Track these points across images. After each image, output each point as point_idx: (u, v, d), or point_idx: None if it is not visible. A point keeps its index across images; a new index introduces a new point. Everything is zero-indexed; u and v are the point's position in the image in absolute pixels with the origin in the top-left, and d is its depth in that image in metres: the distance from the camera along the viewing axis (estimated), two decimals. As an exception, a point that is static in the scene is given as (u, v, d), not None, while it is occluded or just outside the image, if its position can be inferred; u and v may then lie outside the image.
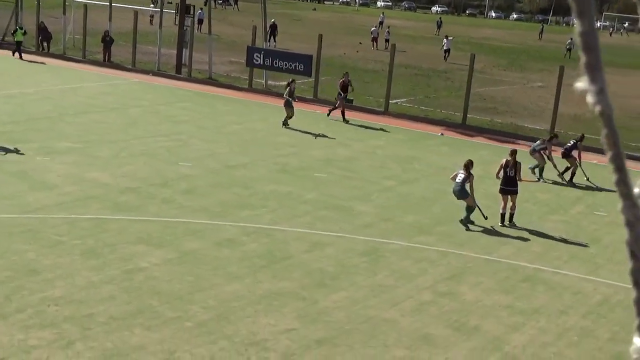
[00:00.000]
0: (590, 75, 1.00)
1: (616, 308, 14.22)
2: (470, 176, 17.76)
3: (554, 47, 71.99)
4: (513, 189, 18.31)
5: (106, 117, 27.15)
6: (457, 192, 17.88)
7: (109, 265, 14.03)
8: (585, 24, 0.98)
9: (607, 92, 1.00)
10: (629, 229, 1.08)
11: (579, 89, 1.01)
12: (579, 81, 1.01)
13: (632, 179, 1.12)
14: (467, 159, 18.24)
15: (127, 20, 45.00)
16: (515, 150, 18.74)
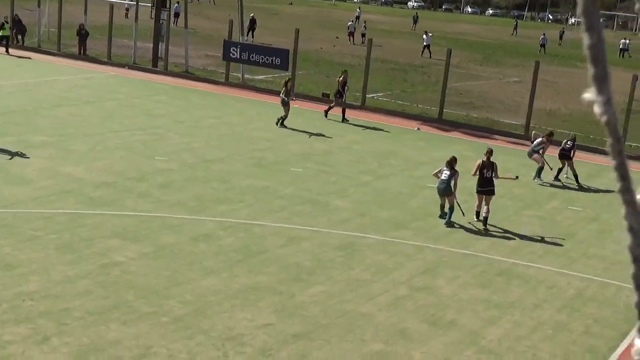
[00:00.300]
0: (598, 86, 1.03)
1: (590, 302, 14.37)
2: (455, 173, 17.76)
3: (529, 42, 72.40)
4: (489, 189, 18.15)
5: (82, 110, 26.98)
6: (442, 189, 17.80)
7: (84, 260, 13.97)
8: (594, 37, 1.01)
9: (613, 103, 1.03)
10: (631, 235, 1.11)
11: (586, 100, 1.04)
12: (587, 92, 1.05)
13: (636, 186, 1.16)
14: (451, 156, 18.20)
15: (103, 14, 44.71)
16: (491, 150, 18.51)
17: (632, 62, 65.15)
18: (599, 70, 1.03)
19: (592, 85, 1.05)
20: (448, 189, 17.71)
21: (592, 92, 1.04)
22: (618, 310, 14.09)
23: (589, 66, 1.03)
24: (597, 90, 1.03)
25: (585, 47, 1.04)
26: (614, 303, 14.41)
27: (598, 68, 1.03)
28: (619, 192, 1.08)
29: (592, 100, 1.04)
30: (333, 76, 39.59)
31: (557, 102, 37.95)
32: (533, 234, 18.04)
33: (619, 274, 15.86)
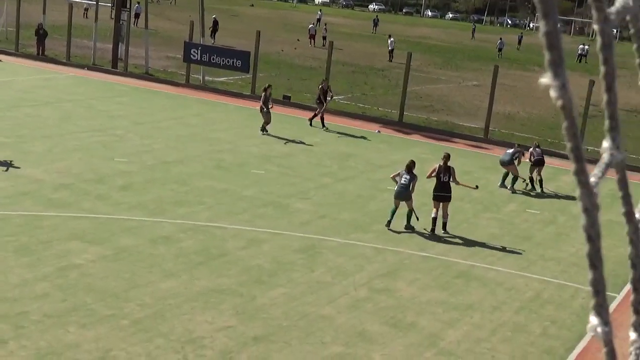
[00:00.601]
0: (554, 71, 1.08)
1: (547, 304, 14.55)
2: (414, 178, 17.63)
3: (487, 46, 73.06)
4: (446, 195, 17.86)
5: (40, 111, 26.68)
6: (401, 193, 17.60)
7: (42, 262, 13.82)
8: (549, 24, 1.05)
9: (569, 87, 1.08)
10: (585, 215, 1.17)
11: (542, 84, 1.09)
12: (543, 77, 1.10)
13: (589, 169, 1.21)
14: (410, 160, 18.09)
15: (62, 13, 44.27)
16: (448, 155, 18.30)
17: (589, 67, 66.09)
18: (554, 56, 1.08)
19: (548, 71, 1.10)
20: (407, 194, 17.59)
21: (548, 77, 1.09)
22: (575, 312, 14.29)
23: (545, 52, 1.08)
24: (552, 75, 1.08)
25: (541, 34, 1.09)
26: (571, 305, 14.61)
27: (554, 54, 1.07)
28: (574, 174, 1.13)
29: (548, 84, 1.08)
30: (294, 78, 39.67)
31: (515, 105, 38.37)
32: (491, 236, 18.22)
33: (576, 276, 16.08)
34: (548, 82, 1.12)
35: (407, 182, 17.55)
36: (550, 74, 1.12)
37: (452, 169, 18.04)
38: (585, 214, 1.18)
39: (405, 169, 17.76)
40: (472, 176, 23.83)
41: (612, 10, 1.19)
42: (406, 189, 17.55)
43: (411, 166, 17.79)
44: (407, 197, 17.64)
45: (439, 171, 17.92)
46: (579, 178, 1.16)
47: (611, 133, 1.29)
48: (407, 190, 17.56)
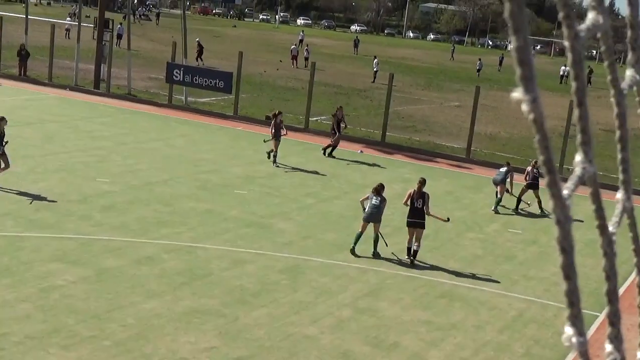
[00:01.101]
0: (525, 86, 1.11)
1: (530, 323, 14.59)
2: (384, 201, 17.31)
3: (467, 67, 73.56)
4: (420, 222, 17.21)
5: (21, 131, 26.52)
6: (372, 215, 17.18)
7: (24, 284, 13.71)
8: (520, 40, 1.09)
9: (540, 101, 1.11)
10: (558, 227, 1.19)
11: (514, 99, 1.12)
12: (515, 92, 1.13)
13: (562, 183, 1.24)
14: (378, 183, 17.76)
15: (44, 34, 44.21)
16: (424, 180, 17.59)
17: (570, 88, 66.51)
18: (525, 71, 1.11)
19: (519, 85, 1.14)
20: (378, 216, 17.19)
21: (520, 92, 1.13)
22: (558, 332, 14.33)
23: (516, 67, 1.11)
24: (524, 89, 1.12)
25: (512, 50, 1.13)
26: (554, 324, 14.65)
27: (524, 69, 1.11)
28: (546, 186, 1.16)
29: (519, 99, 1.12)
30: (276, 99, 39.75)
31: (497, 126, 38.60)
32: (474, 256, 18.27)
33: (558, 296, 16.13)
34: (519, 96, 1.15)
35: (378, 204, 17.15)
36: (521, 88, 1.15)
37: (427, 196, 17.38)
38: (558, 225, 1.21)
39: (373, 191, 17.36)
40: (454, 196, 23.95)
41: (582, 28, 1.22)
42: (377, 210, 17.15)
43: (379, 189, 17.37)
44: (378, 219, 17.21)
45: (412, 197, 17.34)
46: (551, 190, 1.19)
47: (583, 147, 1.32)
48: (379, 212, 17.17)
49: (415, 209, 17.25)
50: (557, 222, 1.19)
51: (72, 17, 76.50)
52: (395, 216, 21.04)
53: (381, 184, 17.64)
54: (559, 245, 1.21)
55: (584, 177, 1.28)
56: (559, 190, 1.21)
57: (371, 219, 17.22)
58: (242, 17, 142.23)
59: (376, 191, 17.33)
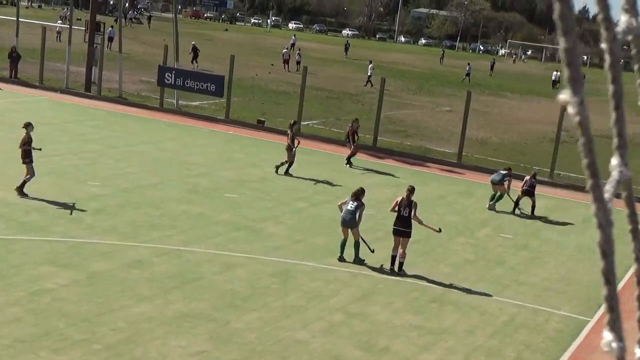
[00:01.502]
0: (573, 88, 1.09)
1: (521, 328, 14.59)
2: (362, 206, 16.94)
3: (457, 72, 73.67)
4: (406, 231, 16.75)
5: (12, 134, 26.43)
6: (347, 221, 16.78)
7: (14, 287, 13.65)
8: (569, 41, 1.07)
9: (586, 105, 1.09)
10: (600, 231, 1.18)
11: (561, 101, 1.10)
12: (562, 93, 1.11)
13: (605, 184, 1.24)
14: (358, 187, 17.42)
15: (35, 36, 44.08)
16: (413, 188, 17.17)
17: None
18: (573, 73, 1.09)
19: (567, 87, 1.12)
20: (353, 221, 16.75)
21: (567, 94, 1.11)
22: (549, 336, 14.35)
23: (564, 69, 1.09)
24: (572, 91, 1.10)
25: (561, 51, 1.10)
26: (545, 329, 14.67)
27: (573, 70, 1.09)
28: (590, 189, 1.15)
29: (566, 101, 1.10)
30: (268, 103, 39.75)
31: (488, 131, 38.67)
32: (465, 261, 18.28)
33: (549, 301, 16.16)
34: (566, 98, 1.13)
35: (353, 209, 16.75)
36: (569, 90, 1.13)
37: (415, 204, 16.85)
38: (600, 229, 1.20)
39: (352, 196, 17.07)
40: (445, 200, 23.97)
41: (619, 30, 1.20)
42: (352, 215, 16.73)
43: (359, 194, 16.99)
44: (353, 224, 16.76)
45: (400, 204, 16.87)
46: (594, 194, 1.17)
47: (620, 150, 1.30)
48: (354, 217, 16.72)
49: (401, 217, 16.77)
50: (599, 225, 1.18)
51: (63, 19, 76.38)
52: (387, 221, 21.03)
53: (361, 189, 17.29)
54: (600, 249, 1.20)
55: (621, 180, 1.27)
56: (602, 194, 1.20)
57: (346, 224, 16.85)
58: (234, 21, 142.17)
59: (355, 195, 16.99)
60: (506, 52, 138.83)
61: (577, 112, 1.15)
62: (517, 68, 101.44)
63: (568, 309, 15.86)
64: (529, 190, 23.03)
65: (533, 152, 33.74)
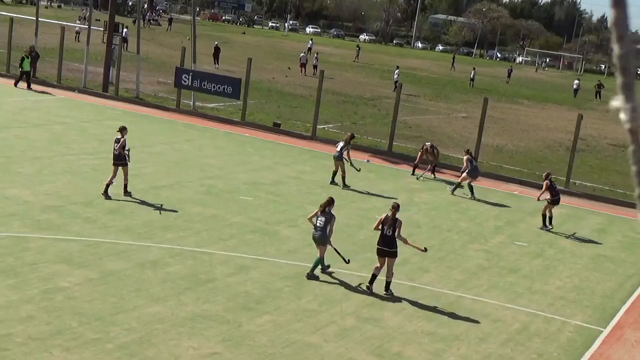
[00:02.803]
0: (626, 94, 1.09)
1: (534, 337, 14.54)
2: (332, 218, 15.93)
3: (465, 77, 73.53)
4: (391, 251, 15.52)
5: (29, 133, 26.64)
6: (318, 238, 15.89)
7: (28, 285, 13.73)
8: (623, 48, 1.06)
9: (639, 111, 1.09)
10: None
11: (613, 107, 1.10)
12: (614, 100, 1.10)
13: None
14: (328, 197, 16.43)
15: (54, 36, 44.33)
16: (397, 205, 15.98)
17: (578, 101, 66.61)
18: (627, 79, 1.09)
19: (620, 94, 1.11)
20: (324, 238, 15.79)
21: (620, 100, 1.10)
22: (561, 346, 14.29)
23: (618, 75, 1.08)
24: (625, 98, 1.09)
25: (615, 57, 1.10)
26: (558, 338, 14.61)
27: (627, 77, 1.09)
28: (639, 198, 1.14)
29: (619, 107, 1.09)
30: (284, 106, 39.81)
31: (504, 138, 38.57)
32: (479, 267, 18.23)
33: (562, 310, 16.10)
34: (619, 105, 1.12)
35: (322, 224, 15.78)
36: (622, 97, 1.12)
37: (399, 223, 15.60)
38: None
39: (319, 208, 16.06)
40: (459, 207, 23.91)
41: None
42: (322, 232, 15.75)
43: (329, 205, 15.99)
44: (324, 241, 15.84)
45: (383, 223, 15.61)
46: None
47: None
48: (324, 233, 15.75)
49: (384, 236, 15.53)
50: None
51: (82, 20, 76.77)
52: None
53: (330, 199, 16.20)
54: None
55: None
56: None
57: (316, 241, 16.01)
58: (252, 24, 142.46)
59: (322, 207, 16.02)
60: (523, 59, 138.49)
61: (629, 118, 1.14)
62: (535, 76, 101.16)
63: (581, 318, 15.79)
64: (558, 199, 22.49)
65: (549, 160, 33.60)
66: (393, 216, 15.58)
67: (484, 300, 16.10)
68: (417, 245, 16.56)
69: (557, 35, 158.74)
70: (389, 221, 15.51)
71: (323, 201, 16.31)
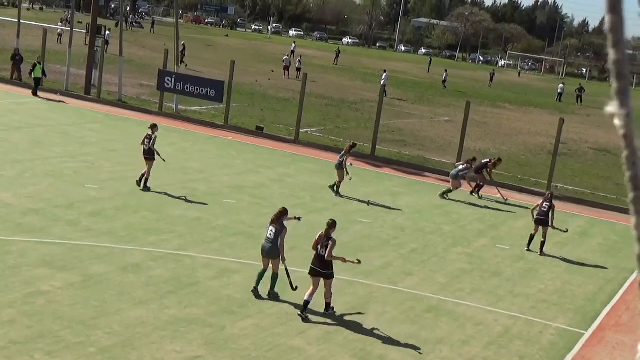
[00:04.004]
0: (620, 100, 1.09)
1: (516, 339, 14.60)
2: (283, 230, 14.72)
3: (448, 81, 73.76)
4: (326, 273, 14.21)
5: (10, 135, 26.48)
6: (267, 250, 14.71)
7: (9, 288, 13.64)
8: (619, 53, 1.07)
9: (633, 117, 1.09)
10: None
11: (607, 113, 1.10)
12: (609, 105, 1.11)
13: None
14: (280, 208, 15.24)
15: (36, 38, 44.12)
16: (333, 222, 14.61)
17: (561, 106, 66.97)
18: (622, 85, 1.09)
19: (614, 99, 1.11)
20: (274, 250, 14.62)
21: (614, 106, 1.11)
22: (543, 348, 14.36)
23: (613, 81, 1.09)
24: (619, 104, 1.10)
25: (611, 63, 1.10)
26: (540, 341, 14.67)
27: (621, 83, 1.09)
28: (631, 202, 1.15)
29: (613, 113, 1.10)
30: (267, 109, 39.78)
31: (486, 142, 38.72)
32: (461, 271, 18.28)
33: (544, 313, 16.17)
34: (614, 110, 1.13)
35: (273, 236, 14.57)
36: (616, 102, 1.13)
37: (332, 241, 14.21)
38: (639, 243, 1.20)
39: (271, 220, 14.92)
40: (442, 210, 23.97)
41: None
42: (272, 244, 14.56)
43: (281, 215, 14.81)
44: (274, 254, 14.63)
45: (317, 241, 14.34)
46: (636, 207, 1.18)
47: None
48: (274, 245, 14.54)
49: (319, 256, 14.22)
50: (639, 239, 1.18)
51: (65, 22, 76.43)
52: (384, 229, 21.15)
53: (283, 209, 15.02)
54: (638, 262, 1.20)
55: None
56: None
57: (265, 253, 14.81)
58: (235, 27, 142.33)
59: (274, 217, 14.90)
60: (506, 63, 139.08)
61: (623, 124, 1.15)
62: (517, 80, 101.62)
63: (563, 321, 15.87)
64: (540, 219, 20.29)
65: (531, 164, 33.76)
66: (327, 234, 14.29)
67: (466, 303, 16.14)
68: (349, 258, 14.83)
69: (539, 39, 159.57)
70: (323, 239, 14.24)
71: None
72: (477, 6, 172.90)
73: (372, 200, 23.41)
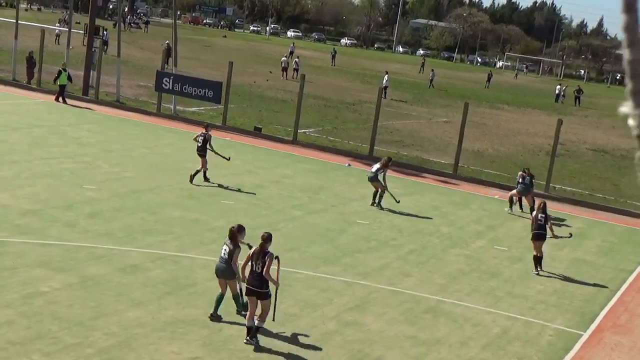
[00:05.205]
0: (635, 100, 1.08)
1: (514, 340, 14.59)
2: (236, 249, 13.56)
3: (441, 81, 73.78)
4: (261, 292, 12.80)
5: (8, 136, 26.45)
6: (221, 271, 13.56)
7: (7, 289, 13.62)
8: (635, 53, 1.05)
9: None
10: None
11: (622, 113, 1.09)
12: (624, 105, 1.09)
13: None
14: (236, 226, 13.93)
15: (34, 39, 44.09)
16: (268, 236, 13.22)
17: (559, 107, 67.01)
18: (636, 85, 1.08)
19: (629, 99, 1.10)
20: (228, 271, 13.49)
21: (629, 106, 1.09)
22: (541, 349, 14.35)
23: (628, 81, 1.07)
24: (634, 104, 1.08)
25: (626, 63, 1.09)
26: (538, 342, 14.67)
27: (636, 83, 1.08)
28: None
29: (628, 113, 1.08)
30: (265, 110, 39.78)
31: (484, 142, 38.74)
32: (460, 272, 18.28)
33: (542, 314, 16.17)
34: (628, 110, 1.12)
35: (226, 256, 13.47)
36: (631, 102, 1.11)
37: (269, 257, 12.87)
38: None
39: (229, 237, 13.77)
40: (440, 211, 23.97)
41: None
42: (227, 264, 13.48)
43: (238, 232, 13.69)
44: (229, 274, 13.51)
45: (251, 257, 12.99)
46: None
47: None
48: (228, 265, 13.45)
49: (253, 273, 12.82)
50: None
51: (62, 23, 76.40)
52: (382, 230, 21.14)
53: (238, 227, 13.80)
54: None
55: None
56: None
57: (219, 273, 13.67)
58: (233, 27, 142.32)
59: (229, 235, 13.77)
60: (503, 64, 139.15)
61: (638, 124, 1.13)
62: (514, 81, 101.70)
63: (561, 322, 15.87)
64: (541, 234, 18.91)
65: (529, 165, 33.75)
66: (261, 249, 12.95)
67: (464, 304, 16.14)
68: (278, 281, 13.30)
69: (537, 40, 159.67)
70: (257, 255, 12.90)
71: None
72: (475, 7, 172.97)
73: (371, 200, 23.38)
